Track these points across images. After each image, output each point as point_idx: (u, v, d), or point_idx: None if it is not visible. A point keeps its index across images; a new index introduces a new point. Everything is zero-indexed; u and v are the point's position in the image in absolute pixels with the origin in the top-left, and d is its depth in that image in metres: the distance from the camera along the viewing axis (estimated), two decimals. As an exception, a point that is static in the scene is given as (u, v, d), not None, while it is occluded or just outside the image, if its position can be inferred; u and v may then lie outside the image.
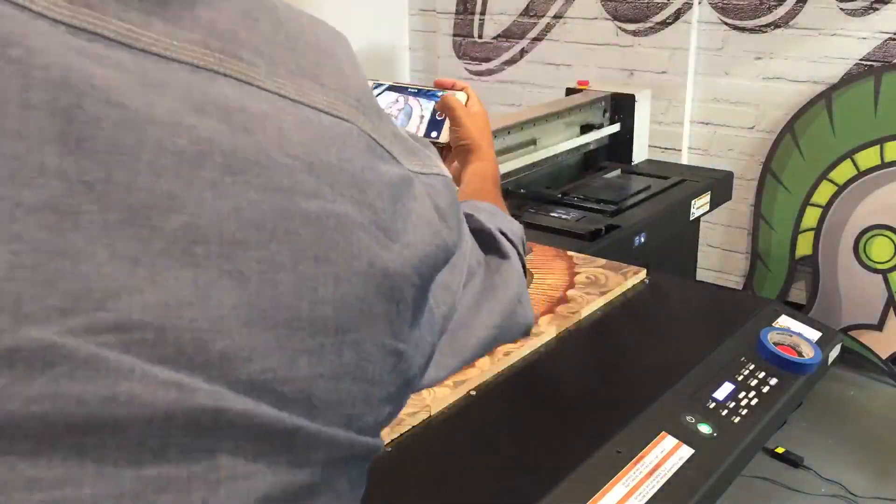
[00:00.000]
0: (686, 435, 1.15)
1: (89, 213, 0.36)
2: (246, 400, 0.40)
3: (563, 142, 2.30)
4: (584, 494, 1.01)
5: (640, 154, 2.52)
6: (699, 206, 2.30)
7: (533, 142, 2.21)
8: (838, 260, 3.07)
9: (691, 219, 2.29)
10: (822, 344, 1.42)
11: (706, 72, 3.30)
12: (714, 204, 2.38)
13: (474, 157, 0.95)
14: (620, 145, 2.49)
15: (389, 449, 1.08)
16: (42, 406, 0.34)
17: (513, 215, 0.83)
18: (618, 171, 2.43)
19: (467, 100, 0.99)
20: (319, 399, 0.43)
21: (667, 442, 1.12)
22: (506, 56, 3.87)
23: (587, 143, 2.41)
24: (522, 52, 3.81)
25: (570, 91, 2.56)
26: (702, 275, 3.50)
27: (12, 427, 0.34)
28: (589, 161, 2.48)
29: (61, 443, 0.35)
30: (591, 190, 2.24)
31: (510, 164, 2.08)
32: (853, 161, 2.96)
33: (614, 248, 1.88)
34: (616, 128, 2.48)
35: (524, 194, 2.16)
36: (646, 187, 2.26)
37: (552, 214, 2.04)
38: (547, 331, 1.37)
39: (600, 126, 2.45)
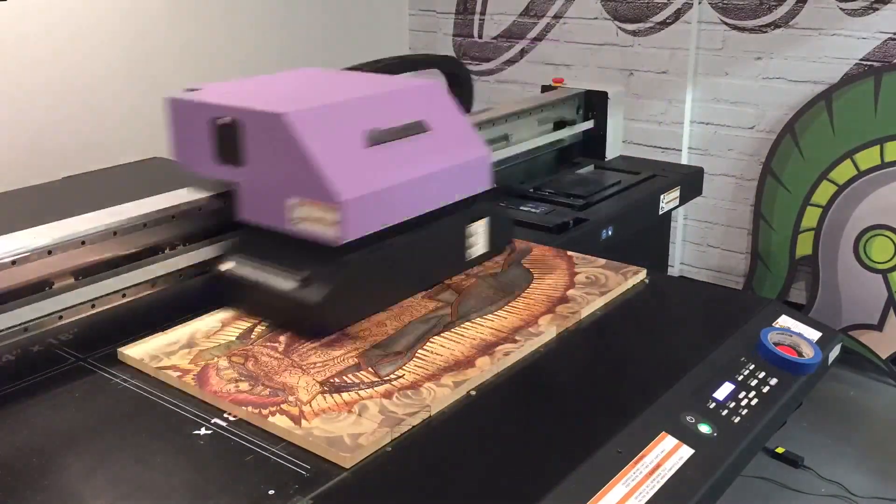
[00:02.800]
0: (686, 435, 1.14)
1: None
2: None
3: (535, 137, 2.32)
4: (584, 494, 1.01)
5: (613, 150, 2.56)
6: (668, 200, 2.34)
7: (505, 137, 2.23)
8: (838, 260, 3.07)
9: (660, 213, 2.32)
10: (822, 344, 1.42)
11: (706, 72, 3.30)
12: (684, 199, 2.42)
13: None
14: (594, 141, 2.53)
15: (389, 449, 1.08)
16: None
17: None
18: (591, 167, 2.45)
19: None
20: None
21: (667, 442, 1.12)
22: (506, 56, 3.87)
23: (561, 140, 2.43)
24: (522, 52, 3.82)
25: (545, 88, 2.59)
26: (702, 275, 3.50)
27: None
28: (563, 157, 2.50)
29: None
30: (563, 185, 2.27)
31: (484, 159, 2.11)
32: (853, 161, 2.97)
33: (581, 241, 1.88)
34: (590, 124, 2.51)
35: (496, 189, 2.18)
36: (616, 182, 2.29)
37: (522, 208, 2.07)
38: (547, 331, 1.37)
39: (573, 122, 2.48)
